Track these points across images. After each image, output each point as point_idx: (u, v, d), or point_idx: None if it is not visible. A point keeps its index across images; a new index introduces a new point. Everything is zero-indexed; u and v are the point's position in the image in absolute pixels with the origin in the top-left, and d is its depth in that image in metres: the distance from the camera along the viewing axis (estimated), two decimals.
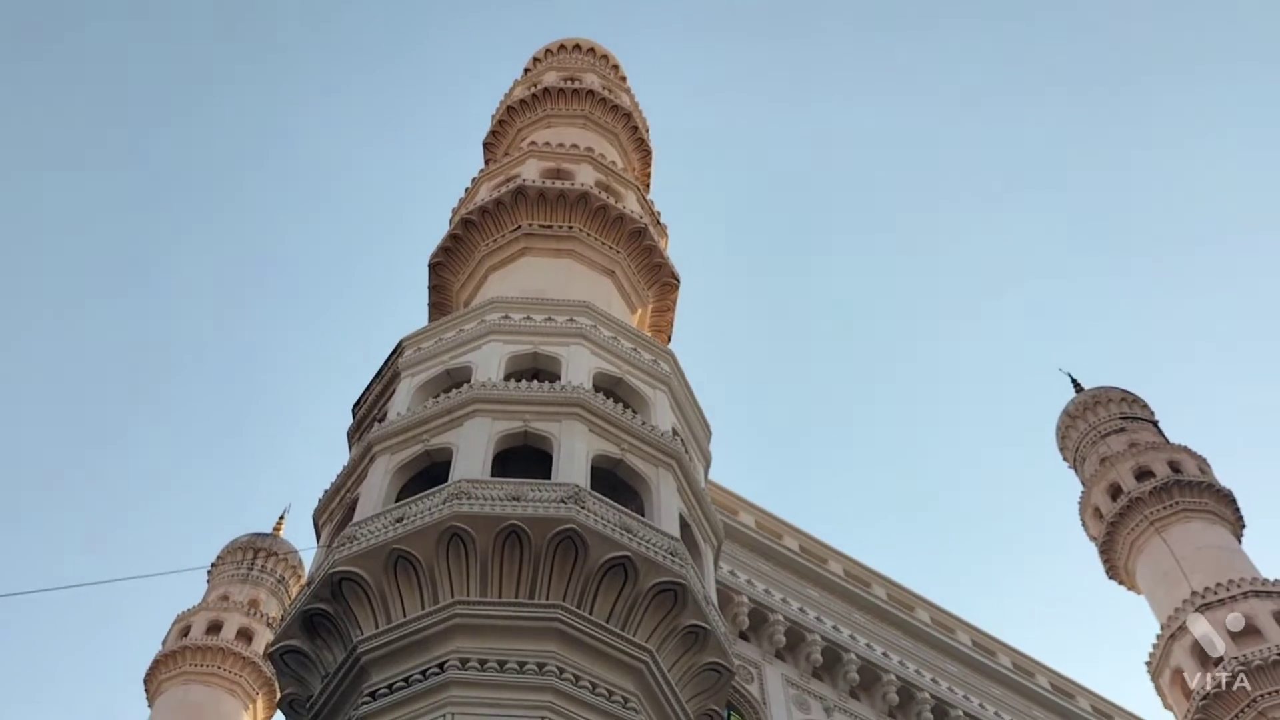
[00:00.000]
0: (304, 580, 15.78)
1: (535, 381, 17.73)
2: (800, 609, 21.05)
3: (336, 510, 17.50)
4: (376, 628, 14.30)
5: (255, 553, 51.34)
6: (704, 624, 15.11)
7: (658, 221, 26.52)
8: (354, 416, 20.09)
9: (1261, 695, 28.64)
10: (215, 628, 46.98)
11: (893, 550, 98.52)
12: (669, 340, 26.40)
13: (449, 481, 15.49)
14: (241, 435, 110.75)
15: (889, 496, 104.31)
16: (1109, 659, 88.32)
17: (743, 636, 20.10)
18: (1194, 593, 32.20)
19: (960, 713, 21.31)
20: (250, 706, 45.87)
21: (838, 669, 20.67)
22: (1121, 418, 42.60)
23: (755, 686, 19.27)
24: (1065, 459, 44.53)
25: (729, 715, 18.72)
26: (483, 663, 13.67)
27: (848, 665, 20.65)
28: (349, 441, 19.55)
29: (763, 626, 20.32)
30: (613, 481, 16.91)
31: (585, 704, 13.67)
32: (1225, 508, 36.81)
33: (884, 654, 21.51)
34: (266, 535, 53.19)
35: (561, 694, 13.56)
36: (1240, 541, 36.22)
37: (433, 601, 14.25)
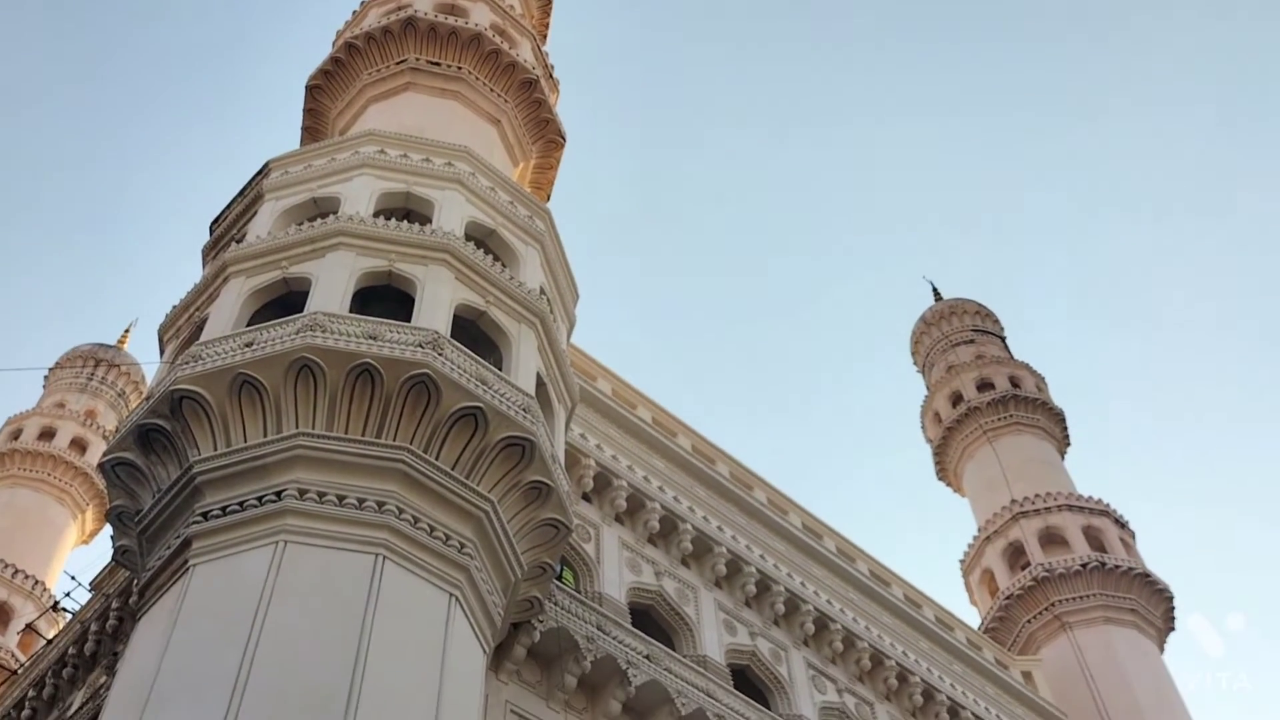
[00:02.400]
0: (145, 396, 15.35)
1: (405, 222, 17.33)
2: (644, 477, 21.53)
3: (184, 328, 16.97)
4: (215, 450, 14.07)
5: (96, 363, 49.59)
6: (548, 481, 15.34)
7: (550, 75, 25.87)
8: (211, 234, 19.35)
9: (1060, 600, 30.84)
10: (48, 434, 45.63)
11: (741, 432, 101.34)
12: (548, 199, 26.06)
13: (305, 312, 15.15)
14: (91, 240, 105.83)
15: (746, 381, 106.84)
16: (925, 554, 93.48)
17: (585, 498, 20.50)
18: (1014, 501, 34.16)
19: (782, 588, 22.31)
20: (79, 517, 45.01)
21: (673, 537, 21.32)
22: (973, 330, 44.29)
23: (591, 546, 19.74)
24: (915, 363, 46.18)
25: (562, 570, 19.19)
26: (321, 495, 13.62)
27: (683, 534, 21.32)
28: (203, 259, 18.87)
29: (606, 490, 20.74)
30: (474, 334, 16.81)
31: (421, 545, 13.81)
32: (1055, 425, 38.90)
33: (719, 527, 22.26)
34: (110, 347, 51.32)
35: (399, 533, 13.65)
36: (1063, 458, 38.44)
37: (276, 430, 14.07)
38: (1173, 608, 31.76)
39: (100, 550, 51.02)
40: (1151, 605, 31.30)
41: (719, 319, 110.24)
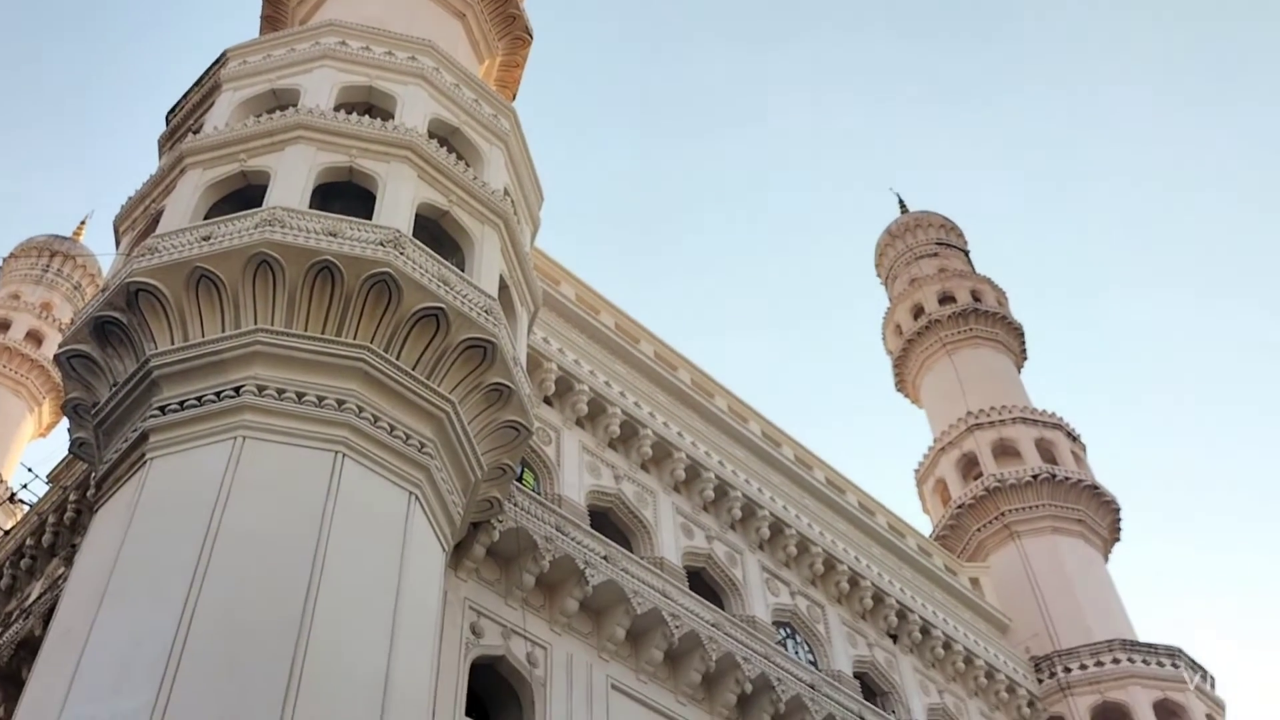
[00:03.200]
0: (101, 289, 15.12)
1: (367, 117, 16.98)
2: (606, 382, 21.60)
3: (140, 220, 16.65)
4: (172, 344, 13.93)
5: (52, 255, 48.72)
6: (509, 383, 15.35)
7: None
8: (168, 124, 18.89)
9: (1010, 510, 31.54)
10: (3, 326, 45.07)
11: (703, 339, 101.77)
12: (513, 98, 25.60)
13: (263, 207, 14.90)
14: (46, 131, 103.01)
15: (710, 289, 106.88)
16: (881, 464, 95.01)
17: (546, 401, 20.56)
18: (969, 413, 34.67)
19: (740, 494, 22.64)
20: (36, 410, 44.68)
21: (633, 442, 21.50)
22: (937, 243, 44.39)
23: (552, 449, 19.87)
24: (879, 275, 46.32)
25: (522, 472, 19.34)
26: (280, 392, 13.55)
27: (643, 440, 21.50)
28: (160, 149, 18.44)
29: (567, 394, 20.80)
30: (436, 233, 16.63)
31: (381, 444, 13.82)
32: (1013, 340, 39.33)
33: (679, 433, 22.46)
34: (65, 239, 50.37)
35: (359, 431, 13.65)
36: (1020, 372, 38.96)
37: (234, 326, 13.93)
38: (1119, 519, 32.58)
39: (57, 443, 50.69)
40: (1098, 516, 32.09)
41: (684, 228, 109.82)
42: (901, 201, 49.47)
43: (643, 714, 17.67)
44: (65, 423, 15.44)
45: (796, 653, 21.86)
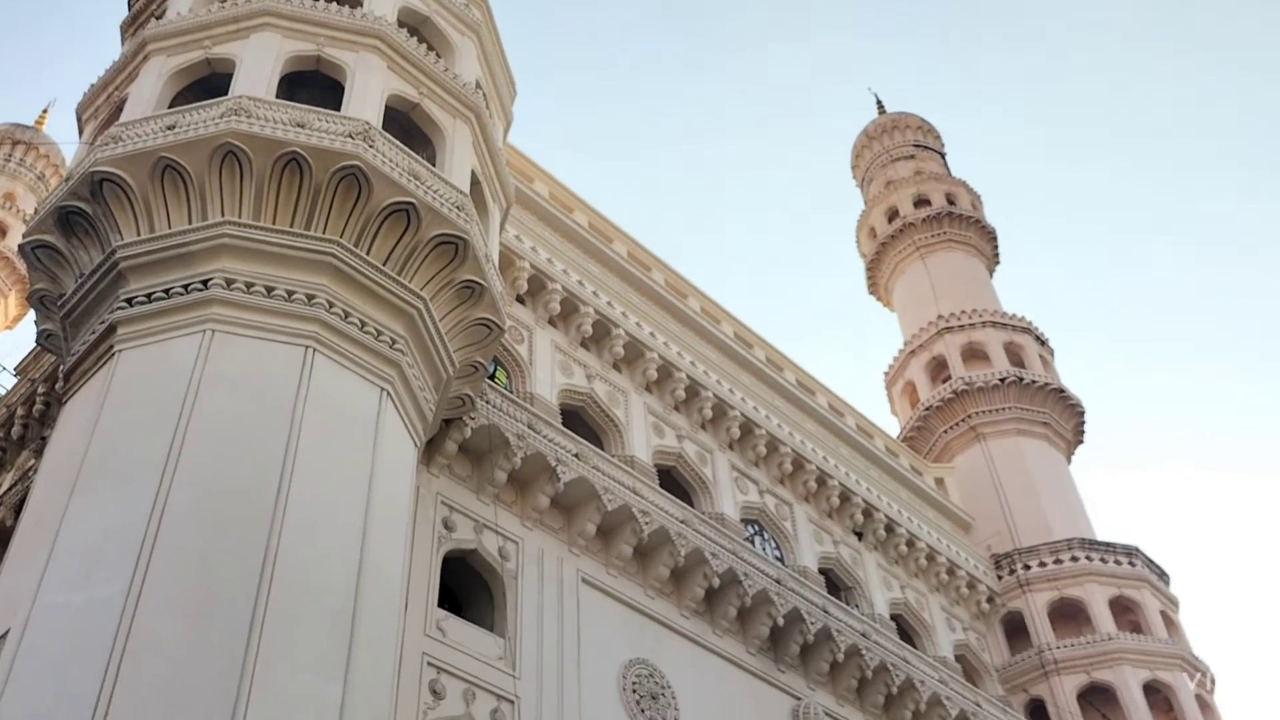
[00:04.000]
0: (65, 178, 14.83)
1: (334, 4, 16.54)
2: (579, 282, 21.53)
3: (103, 108, 16.27)
4: (138, 235, 13.75)
5: (14, 145, 47.60)
6: (481, 281, 15.27)
7: None
8: (130, 9, 18.33)
9: (977, 412, 31.99)
10: None
11: (677, 240, 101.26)
12: None
13: (229, 96, 14.57)
14: (6, 16, 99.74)
15: (684, 189, 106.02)
16: (851, 367, 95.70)
17: (519, 300, 20.50)
18: (940, 316, 34.89)
19: (711, 394, 22.81)
20: (2, 302, 44.17)
21: (605, 342, 21.53)
22: (914, 145, 44.09)
23: (524, 348, 19.88)
24: (855, 178, 46.06)
25: (494, 370, 19.38)
26: (249, 286, 13.44)
27: (615, 340, 21.53)
28: (122, 35, 17.93)
29: (540, 293, 20.74)
30: (406, 126, 16.36)
31: (352, 339, 13.78)
32: (986, 244, 39.41)
33: (651, 333, 22.50)
34: (28, 128, 49.15)
35: (329, 327, 13.58)
36: (992, 276, 39.13)
37: (201, 218, 13.74)
38: (1083, 422, 33.13)
39: (25, 335, 50.28)
40: (1063, 419, 32.61)
41: (659, 127, 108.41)
42: (879, 102, 48.97)
43: (612, 607, 18.04)
44: (32, 315, 15.26)
45: (764, 549, 22.29)
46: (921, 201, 40.34)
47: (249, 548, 11.28)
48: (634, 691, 17.23)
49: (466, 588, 16.59)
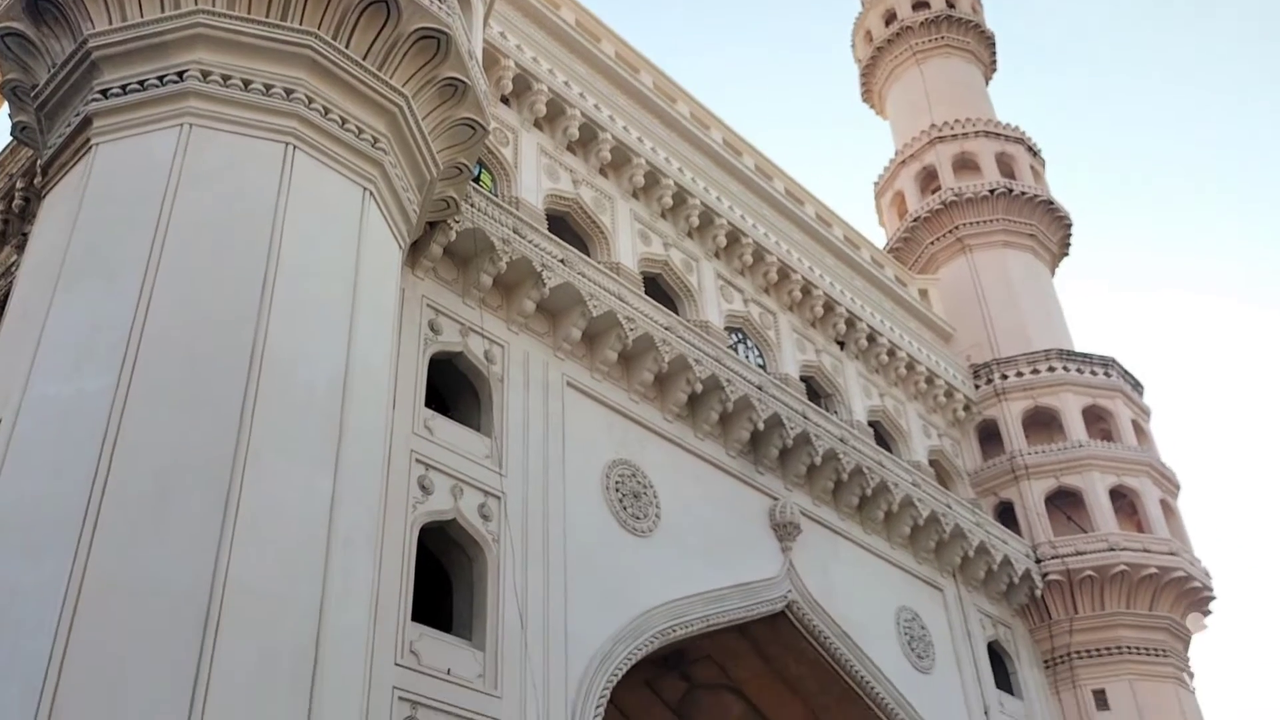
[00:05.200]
0: None
1: None
2: (565, 83, 21.01)
3: None
4: (110, 24, 13.27)
5: None
6: (464, 78, 14.90)
7: None
8: None
9: (964, 224, 31.92)
10: None
11: (668, 42, 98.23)
12: None
13: None
14: None
15: None
16: (841, 177, 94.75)
17: (504, 100, 20.04)
18: (933, 125, 34.33)
19: (698, 201, 22.64)
20: None
21: (592, 146, 21.19)
22: None
23: (509, 150, 19.56)
24: None
25: (479, 173, 19.14)
26: (226, 78, 13.08)
27: (602, 144, 21.18)
28: None
29: (525, 94, 20.26)
30: None
31: (333, 137, 13.54)
32: (985, 50, 38.41)
33: (639, 138, 22.12)
34: None
35: (309, 123, 13.31)
36: (988, 84, 38.31)
37: (174, 6, 13.24)
38: (1069, 234, 33.12)
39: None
40: (1050, 231, 32.59)
41: None
42: None
43: (596, 410, 18.40)
44: (7, 107, 14.89)
45: (747, 356, 22.61)
46: (920, 4, 39.05)
47: (236, 342, 11.39)
48: (616, 490, 17.78)
49: (453, 390, 16.86)
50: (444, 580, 15.21)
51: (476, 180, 18.41)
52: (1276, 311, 78.31)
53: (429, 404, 15.70)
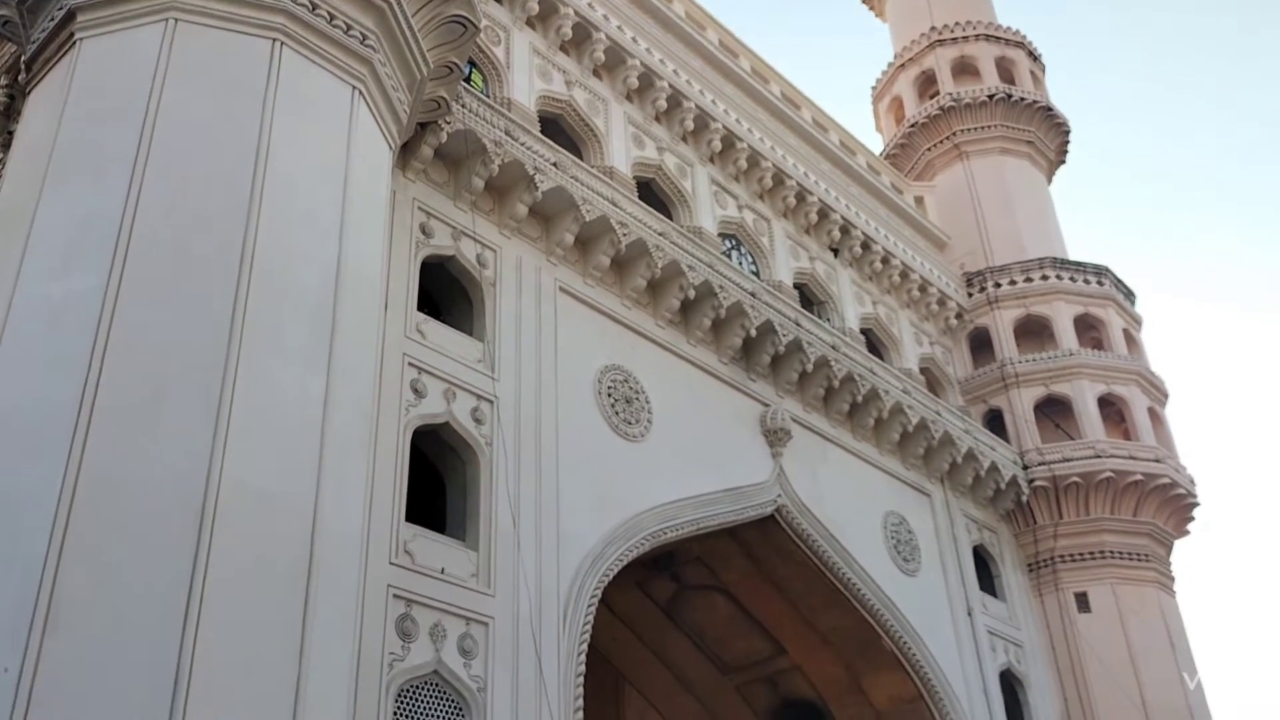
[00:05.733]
0: None
1: None
2: None
3: None
4: None
5: None
6: None
7: None
8: None
9: (962, 130, 31.57)
10: None
11: None
12: None
13: None
14: None
15: None
16: (838, 82, 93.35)
17: None
18: (933, 28, 33.72)
19: (693, 105, 22.33)
20: None
21: (585, 46, 20.81)
22: None
23: (501, 50, 19.22)
24: None
25: (470, 73, 18.82)
26: None
27: (595, 44, 20.80)
28: None
29: None
30: None
31: (321, 33, 13.26)
32: None
33: (633, 39, 21.72)
34: None
35: (296, 19, 13.02)
36: None
37: None
38: (1067, 141, 32.80)
39: None
40: (1048, 138, 32.27)
41: None
42: None
43: (589, 315, 18.39)
44: None
45: (740, 263, 22.53)
46: None
47: (226, 241, 11.31)
48: (609, 395, 17.86)
49: (446, 294, 16.82)
50: (437, 483, 15.36)
51: (467, 80, 18.12)
52: (1274, 228, 78.09)
53: (421, 308, 15.67)
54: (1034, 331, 27.95)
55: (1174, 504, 26.25)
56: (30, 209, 11.47)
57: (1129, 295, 29.04)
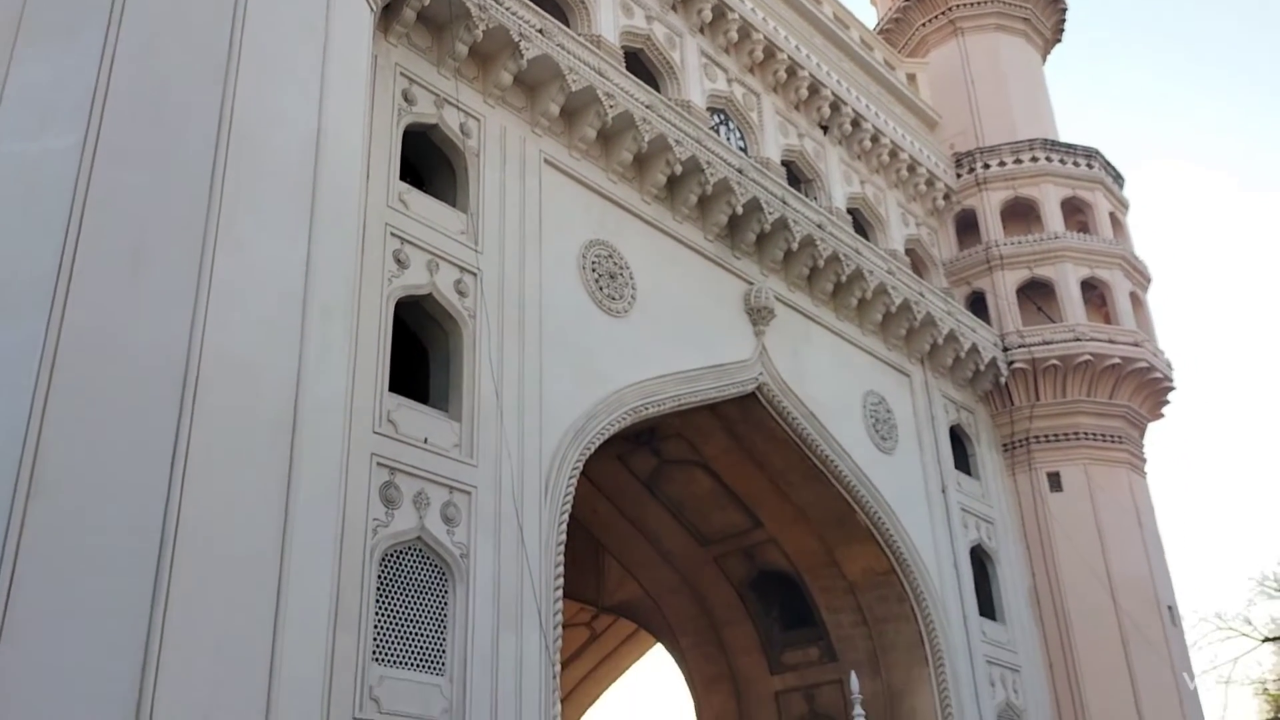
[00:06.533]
0: None
1: None
2: None
3: None
4: None
5: None
6: None
7: None
8: None
9: (958, 5, 30.81)
10: None
11: None
12: None
13: None
14: None
15: None
16: None
17: None
18: None
19: None
20: None
21: None
22: None
23: None
24: None
25: None
26: None
27: None
28: None
29: None
30: None
31: None
32: None
33: None
34: None
35: None
36: None
37: None
38: (1064, 19, 32.14)
39: None
40: (1044, 16, 31.61)
41: None
42: None
43: (574, 188, 18.20)
44: None
45: (728, 138, 22.24)
46: None
47: (203, 102, 11.05)
48: (593, 270, 17.80)
49: (428, 164, 16.58)
50: (421, 354, 15.39)
51: None
52: (1265, 116, 77.26)
53: (403, 178, 15.46)
54: (1020, 214, 27.85)
55: (1150, 387, 26.59)
56: (2, 69, 11.14)
57: (1118, 178, 28.87)
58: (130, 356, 9.89)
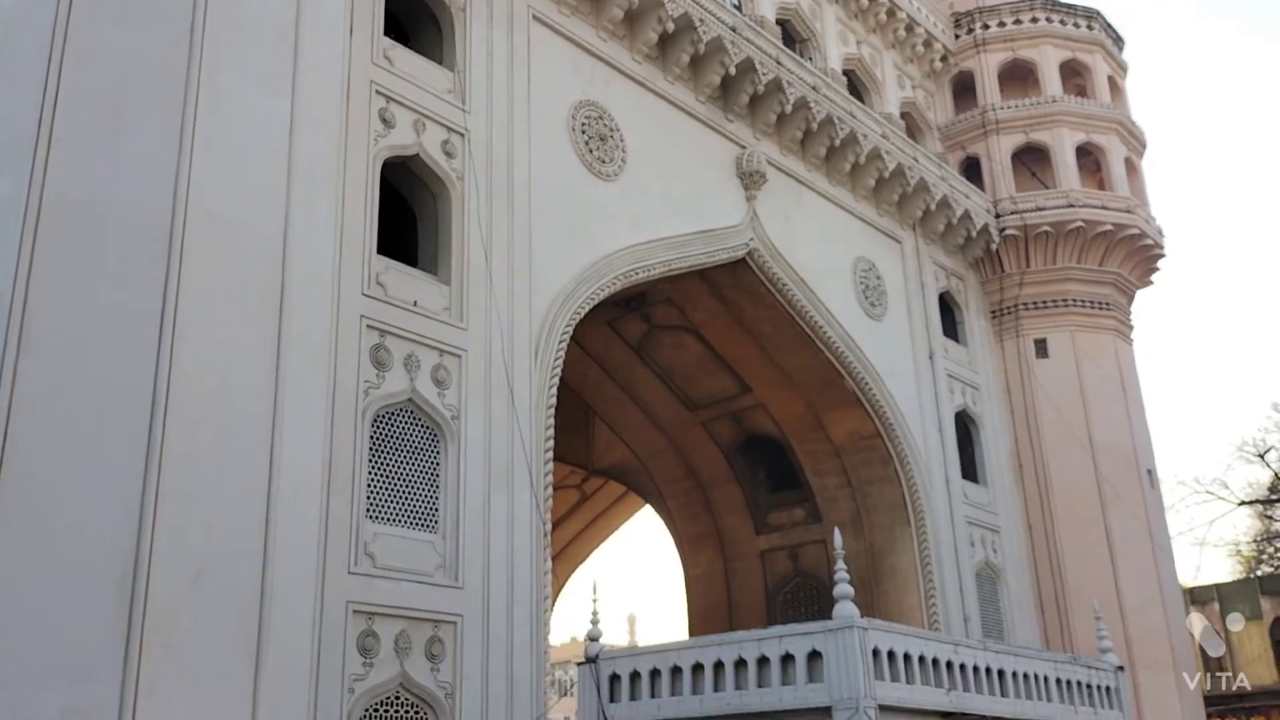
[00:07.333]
0: None
1: None
2: None
3: None
4: None
5: None
6: None
7: None
8: None
9: None
10: None
11: None
12: None
13: None
14: None
15: None
16: None
17: None
18: None
19: None
20: None
21: None
22: None
23: None
24: None
25: None
26: None
27: None
28: None
29: None
30: None
31: None
32: None
33: None
34: None
35: None
36: None
37: None
38: None
39: None
40: None
41: None
42: None
43: (563, 46, 17.75)
44: None
45: None
46: None
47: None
48: (583, 132, 17.50)
49: (413, 19, 16.11)
50: (409, 217, 15.22)
51: None
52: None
53: (388, 33, 15.03)
54: (1019, 77, 27.36)
55: (1141, 254, 26.57)
56: None
57: (1118, 41, 28.28)
58: (114, 211, 9.79)
